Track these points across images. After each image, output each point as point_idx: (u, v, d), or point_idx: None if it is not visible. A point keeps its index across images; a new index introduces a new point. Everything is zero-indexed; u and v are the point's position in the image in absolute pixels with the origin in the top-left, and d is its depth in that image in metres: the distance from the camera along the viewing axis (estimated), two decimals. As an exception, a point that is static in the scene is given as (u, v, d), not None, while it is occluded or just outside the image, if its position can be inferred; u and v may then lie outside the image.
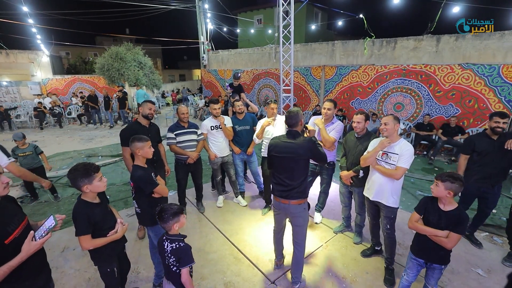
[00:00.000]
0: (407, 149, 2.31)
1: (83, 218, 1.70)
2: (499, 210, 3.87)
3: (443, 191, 1.81)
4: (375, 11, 28.18)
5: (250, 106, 4.48)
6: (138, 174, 2.12)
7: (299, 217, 2.30)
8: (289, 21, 6.64)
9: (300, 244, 2.37)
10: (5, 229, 1.34)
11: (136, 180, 2.13)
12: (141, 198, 2.21)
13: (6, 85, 12.56)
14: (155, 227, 2.26)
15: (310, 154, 2.20)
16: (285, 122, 2.32)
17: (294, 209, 2.27)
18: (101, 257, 1.91)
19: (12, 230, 1.36)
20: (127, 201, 4.18)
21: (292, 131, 2.26)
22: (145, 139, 2.17)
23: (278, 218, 2.49)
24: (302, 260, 2.42)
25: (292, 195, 2.23)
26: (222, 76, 12.34)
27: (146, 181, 2.12)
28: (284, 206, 2.29)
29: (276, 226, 2.56)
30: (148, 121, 3.06)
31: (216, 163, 3.80)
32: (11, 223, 1.38)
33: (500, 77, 5.65)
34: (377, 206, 2.59)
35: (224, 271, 2.70)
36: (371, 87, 7.58)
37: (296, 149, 2.17)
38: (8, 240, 1.32)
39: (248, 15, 21.45)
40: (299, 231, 2.35)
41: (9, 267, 1.29)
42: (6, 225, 1.35)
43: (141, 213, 2.27)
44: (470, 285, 2.49)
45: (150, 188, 2.12)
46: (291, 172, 2.21)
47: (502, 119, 2.69)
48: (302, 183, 2.24)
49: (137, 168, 2.15)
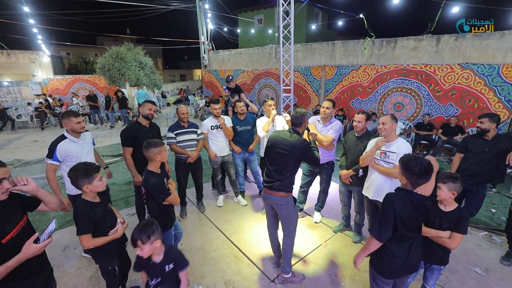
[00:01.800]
0: (405, 147, 2.33)
1: (83, 218, 1.72)
2: (498, 210, 3.89)
3: (446, 193, 1.79)
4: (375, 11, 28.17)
5: (250, 106, 4.50)
6: (152, 182, 2.07)
7: (281, 209, 2.37)
8: (289, 21, 6.65)
9: (286, 236, 2.45)
10: (2, 229, 1.34)
11: (149, 188, 2.10)
12: (153, 205, 2.18)
13: (7, 85, 12.61)
14: (163, 233, 2.24)
15: (301, 154, 2.25)
16: (291, 120, 2.41)
17: (276, 200, 2.35)
18: (102, 256, 1.93)
19: (9, 229, 1.36)
20: (128, 201, 4.21)
21: (294, 129, 2.34)
22: (160, 144, 2.13)
23: (267, 210, 2.60)
24: (290, 251, 2.48)
25: (275, 186, 2.32)
26: (222, 76, 12.36)
27: (159, 190, 2.09)
28: (268, 196, 2.40)
29: (267, 220, 2.63)
30: (148, 122, 3.07)
31: (216, 162, 3.82)
32: (9, 223, 1.38)
33: (500, 77, 5.66)
34: (376, 205, 2.61)
35: (224, 270, 2.72)
36: (371, 87, 7.59)
37: (289, 146, 2.24)
38: (5, 240, 1.33)
39: (248, 15, 21.46)
40: (284, 223, 2.45)
41: (6, 268, 1.29)
42: (3, 225, 1.35)
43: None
44: (468, 284, 2.51)
45: (163, 198, 2.10)
46: (280, 167, 2.30)
47: (483, 118, 2.85)
48: (287, 179, 2.31)
49: (151, 175, 2.10)
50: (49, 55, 13.51)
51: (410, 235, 1.64)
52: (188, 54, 35.59)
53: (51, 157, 2.39)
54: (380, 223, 1.61)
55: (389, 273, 1.73)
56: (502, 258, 2.82)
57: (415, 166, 1.54)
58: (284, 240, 2.47)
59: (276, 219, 2.60)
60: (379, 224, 1.61)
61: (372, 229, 1.66)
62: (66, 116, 2.44)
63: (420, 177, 1.55)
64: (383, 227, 1.60)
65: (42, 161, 6.27)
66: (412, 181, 1.59)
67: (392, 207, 1.58)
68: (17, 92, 12.85)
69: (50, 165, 2.41)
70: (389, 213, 1.58)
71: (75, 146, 2.47)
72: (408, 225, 1.60)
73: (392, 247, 1.67)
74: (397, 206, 1.57)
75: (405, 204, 1.58)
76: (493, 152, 2.82)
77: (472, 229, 3.41)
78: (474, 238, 3.23)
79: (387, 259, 1.70)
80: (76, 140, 2.49)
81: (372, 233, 1.65)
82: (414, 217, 1.59)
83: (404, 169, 1.60)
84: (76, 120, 2.44)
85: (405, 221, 1.58)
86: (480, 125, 2.86)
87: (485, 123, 2.82)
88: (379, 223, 1.62)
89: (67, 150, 2.41)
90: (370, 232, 1.67)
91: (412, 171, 1.55)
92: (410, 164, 1.56)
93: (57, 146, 2.38)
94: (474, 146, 2.92)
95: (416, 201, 1.59)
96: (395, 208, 1.57)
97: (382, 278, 1.74)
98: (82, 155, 2.50)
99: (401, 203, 1.58)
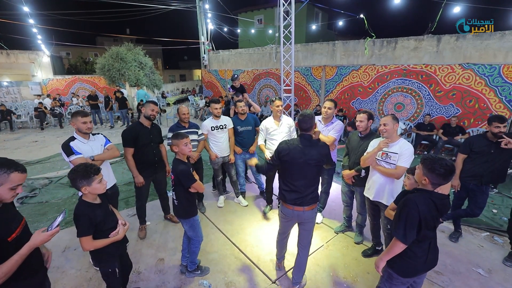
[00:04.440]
0: (407, 148, 2.31)
1: (84, 219, 1.70)
2: (500, 210, 3.88)
3: (414, 184, 1.89)
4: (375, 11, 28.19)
5: (253, 106, 4.48)
6: (180, 168, 2.24)
7: (310, 222, 2.26)
8: (289, 21, 6.64)
9: (305, 247, 2.35)
10: (9, 227, 1.39)
11: (178, 174, 2.25)
12: (180, 191, 2.34)
13: (6, 85, 12.59)
14: (189, 219, 2.42)
15: (326, 159, 2.16)
16: (298, 125, 2.22)
17: (308, 215, 2.20)
18: (102, 258, 1.91)
19: (14, 228, 1.41)
20: (128, 201, 4.19)
21: (306, 135, 2.14)
22: (181, 136, 2.27)
23: (287, 225, 2.41)
24: (305, 262, 2.41)
25: (307, 201, 2.15)
26: (222, 76, 12.35)
27: (186, 176, 2.24)
28: (298, 214, 2.19)
29: (282, 231, 2.50)
30: (150, 122, 3.05)
31: (217, 163, 3.80)
32: (13, 222, 1.43)
33: (501, 77, 5.65)
34: (377, 207, 2.60)
35: (225, 271, 2.70)
36: (372, 87, 7.58)
37: (315, 154, 2.08)
38: (11, 238, 1.37)
39: (248, 15, 21.45)
40: (306, 235, 2.31)
41: (20, 256, 1.34)
42: (10, 224, 1.41)
43: (178, 205, 2.40)
44: (471, 285, 2.49)
45: (190, 183, 2.25)
46: (308, 179, 2.12)
47: (502, 123, 2.72)
48: (317, 188, 2.22)
49: (179, 162, 2.29)
50: (48, 55, 13.49)
51: (431, 235, 1.65)
52: (188, 54, 35.62)
53: (72, 153, 2.34)
54: (404, 226, 1.58)
55: (410, 273, 1.72)
56: (505, 259, 2.81)
57: (440, 167, 1.53)
58: (303, 252, 2.35)
59: (291, 229, 2.49)
60: (404, 227, 1.58)
61: (397, 232, 1.62)
62: (74, 115, 2.45)
63: (444, 178, 1.55)
64: (408, 229, 1.57)
65: (41, 161, 6.26)
66: (435, 182, 1.58)
67: (416, 209, 1.55)
68: (17, 92, 12.83)
69: (77, 160, 2.31)
70: (413, 215, 1.56)
71: (84, 146, 2.46)
72: (430, 224, 1.60)
73: (413, 247, 1.66)
74: (420, 207, 1.55)
75: (428, 205, 1.57)
76: (499, 153, 2.79)
77: (474, 229, 3.40)
78: (476, 239, 3.22)
79: (409, 259, 1.68)
80: (85, 142, 2.47)
81: (398, 237, 1.61)
82: (435, 217, 1.60)
83: (428, 170, 1.58)
84: (83, 120, 2.43)
85: (428, 221, 1.58)
86: (503, 129, 2.73)
87: (504, 127, 2.74)
88: (403, 226, 1.58)
89: (78, 148, 2.41)
90: (395, 236, 1.63)
91: (438, 172, 1.54)
92: (435, 165, 1.55)
93: (70, 143, 2.38)
94: (479, 147, 2.88)
95: (437, 201, 1.59)
96: (419, 210, 1.55)
97: (401, 278, 1.73)
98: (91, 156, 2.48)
99: (424, 204, 1.57)
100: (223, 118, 3.71)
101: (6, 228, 1.37)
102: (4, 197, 1.36)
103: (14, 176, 1.36)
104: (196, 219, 2.47)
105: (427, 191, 1.62)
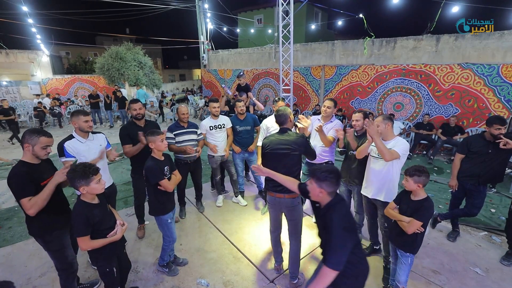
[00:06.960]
0: (402, 142, 2.38)
1: (82, 219, 1.70)
2: (498, 210, 3.89)
3: (413, 185, 1.97)
4: (375, 11, 28.20)
5: (257, 104, 4.51)
6: (148, 164, 2.31)
7: (294, 210, 2.36)
8: (288, 21, 6.65)
9: (296, 238, 2.43)
10: (42, 176, 1.95)
11: (145, 169, 2.30)
12: (149, 188, 2.39)
13: (6, 85, 12.59)
14: (157, 217, 2.47)
15: (303, 149, 2.32)
16: (276, 121, 2.47)
17: (289, 203, 2.34)
18: (100, 257, 1.91)
19: (46, 177, 1.96)
20: (127, 201, 4.19)
21: (284, 128, 2.40)
22: (157, 133, 2.33)
23: (274, 215, 2.53)
24: (299, 254, 2.45)
25: (286, 189, 2.25)
26: (222, 76, 12.35)
27: (152, 172, 2.27)
28: (280, 200, 2.36)
29: (272, 225, 2.58)
30: (143, 121, 3.02)
31: (216, 162, 3.81)
32: (45, 174, 1.98)
33: (500, 77, 5.66)
34: (374, 205, 2.61)
35: (223, 270, 2.71)
36: (371, 87, 7.59)
37: (290, 143, 2.28)
38: (43, 183, 1.92)
39: (248, 15, 21.44)
40: (294, 225, 2.42)
41: (50, 187, 1.88)
42: (43, 173, 1.98)
43: (148, 201, 2.47)
44: (468, 284, 2.50)
45: (154, 180, 2.28)
46: (287, 167, 2.28)
47: (503, 125, 2.71)
48: (296, 178, 2.28)
49: (150, 159, 2.34)
50: (48, 54, 13.48)
51: None
52: (187, 54, 35.53)
53: (63, 155, 2.39)
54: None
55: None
56: (502, 258, 2.82)
57: (328, 173, 1.59)
58: (293, 243, 2.43)
59: (281, 223, 2.57)
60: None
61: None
62: (76, 114, 2.45)
63: (337, 183, 1.63)
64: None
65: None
66: (330, 190, 1.61)
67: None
68: (16, 92, 12.82)
69: (67, 162, 2.35)
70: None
71: (82, 146, 2.46)
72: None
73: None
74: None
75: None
76: (496, 153, 2.79)
77: (472, 229, 3.41)
78: (473, 238, 3.23)
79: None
80: (83, 141, 2.47)
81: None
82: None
83: (319, 180, 1.60)
84: (85, 118, 2.44)
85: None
86: (504, 130, 2.72)
87: (505, 128, 2.73)
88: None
89: (74, 148, 2.41)
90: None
91: (330, 180, 1.59)
92: (322, 174, 1.59)
93: (64, 144, 2.39)
94: (477, 147, 2.88)
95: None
96: None
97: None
98: (89, 155, 2.48)
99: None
100: (221, 117, 3.72)
101: (40, 176, 1.93)
102: (39, 153, 1.94)
103: (43, 139, 1.93)
104: (165, 218, 2.46)
105: (335, 203, 1.62)
